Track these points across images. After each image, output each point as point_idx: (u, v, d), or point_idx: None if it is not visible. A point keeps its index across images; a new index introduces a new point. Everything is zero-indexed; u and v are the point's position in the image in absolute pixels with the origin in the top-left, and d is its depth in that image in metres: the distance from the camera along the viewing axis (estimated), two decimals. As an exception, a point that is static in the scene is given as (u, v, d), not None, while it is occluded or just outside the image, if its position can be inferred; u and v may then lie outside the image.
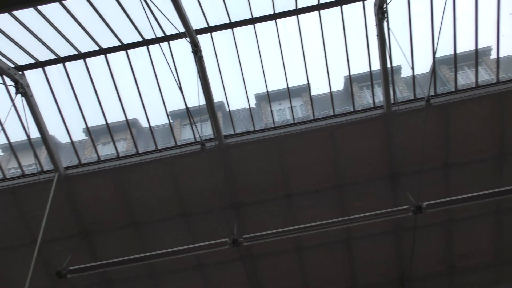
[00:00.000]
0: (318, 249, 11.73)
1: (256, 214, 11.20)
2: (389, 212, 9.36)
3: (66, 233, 11.10)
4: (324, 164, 10.91)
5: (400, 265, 11.99)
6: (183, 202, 10.99)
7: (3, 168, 11.14)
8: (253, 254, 11.65)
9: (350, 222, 9.29)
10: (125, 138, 16.98)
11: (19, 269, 11.40)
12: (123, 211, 11.01)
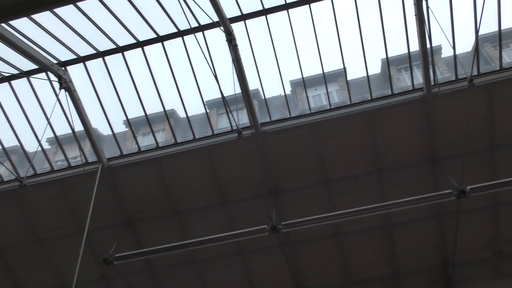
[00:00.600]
0: (357, 235, 11.64)
1: (294, 201, 11.22)
2: (431, 197, 9.16)
3: (111, 222, 11.53)
4: (362, 149, 10.76)
5: (443, 250, 11.72)
6: (222, 190, 11.16)
7: (51, 161, 11.67)
8: (292, 241, 11.71)
9: (390, 207, 9.15)
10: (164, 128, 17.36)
11: (69, 257, 11.96)
12: (164, 199, 11.31)
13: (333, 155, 10.82)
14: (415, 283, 12.14)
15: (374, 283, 12.11)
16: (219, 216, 11.45)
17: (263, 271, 12.24)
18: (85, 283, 12.35)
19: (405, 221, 11.39)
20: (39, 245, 11.95)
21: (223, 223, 11.46)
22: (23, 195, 11.21)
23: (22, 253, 12.12)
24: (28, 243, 11.92)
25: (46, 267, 12.27)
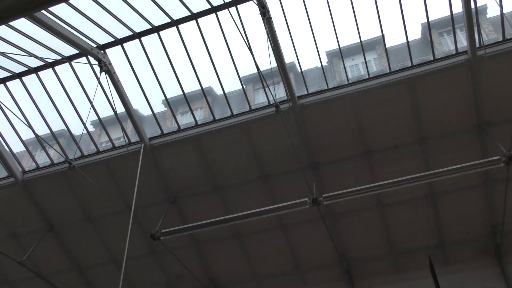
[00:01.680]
0: (401, 206, 11.47)
1: (335, 173, 11.15)
2: (478, 164, 8.85)
3: (156, 199, 11.91)
4: (403, 118, 10.48)
5: (491, 219, 11.37)
6: (261, 165, 11.23)
7: (96, 142, 12.11)
8: (334, 213, 11.70)
9: (435, 176, 8.90)
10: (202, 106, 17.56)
11: (119, 234, 12.52)
12: (205, 176, 11.53)
13: (373, 126, 10.61)
14: (462, 253, 11.89)
15: (419, 253, 11.95)
16: (260, 191, 11.57)
17: (305, 244, 12.34)
18: (135, 258, 12.95)
19: (450, 190, 11.10)
20: (90, 223, 12.56)
21: (264, 197, 11.58)
22: (73, 176, 11.76)
23: (76, 231, 12.79)
24: (81, 221, 12.55)
25: (99, 244, 12.91)
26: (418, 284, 12.05)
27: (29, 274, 13.10)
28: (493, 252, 11.72)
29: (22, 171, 12.06)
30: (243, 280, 13.12)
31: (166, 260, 12.99)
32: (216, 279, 13.18)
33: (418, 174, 9.26)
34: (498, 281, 11.49)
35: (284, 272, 12.83)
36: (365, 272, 12.47)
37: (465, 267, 11.92)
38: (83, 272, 13.52)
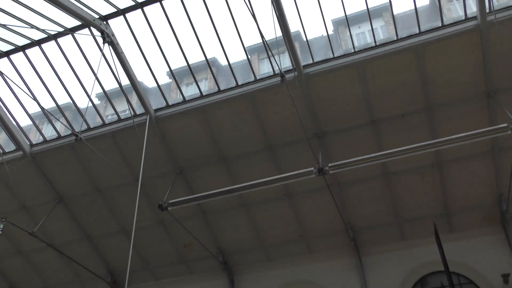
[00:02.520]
0: (407, 174, 11.49)
1: (341, 142, 11.14)
2: (486, 132, 8.77)
3: (163, 170, 12.01)
4: (410, 86, 10.36)
5: (498, 187, 11.39)
6: (267, 135, 11.23)
7: (102, 115, 12.13)
8: (340, 182, 11.76)
9: (442, 144, 8.86)
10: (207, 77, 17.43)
11: (127, 205, 12.72)
12: (211, 147, 11.57)
13: (380, 94, 10.52)
14: (467, 220, 11.98)
15: (425, 221, 12.05)
16: (266, 161, 11.62)
17: (312, 213, 12.48)
18: (144, 229, 13.19)
19: (457, 159, 11.09)
20: (99, 195, 12.74)
21: (270, 167, 11.64)
22: (80, 148, 11.85)
23: (85, 203, 13.00)
24: (89, 193, 12.74)
25: (108, 214, 13.13)
26: (423, 251, 12.22)
27: (41, 245, 13.43)
28: (498, 219, 11.80)
29: (30, 145, 12.17)
30: (251, 249, 13.36)
31: (174, 230, 13.21)
32: (223, 248, 13.43)
33: (425, 142, 9.22)
34: (503, 247, 11.62)
35: (291, 240, 13.03)
36: (370, 240, 12.64)
37: (470, 235, 12.04)
38: (93, 242, 13.82)
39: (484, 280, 11.42)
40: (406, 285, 12.03)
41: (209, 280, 14.04)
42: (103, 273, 14.19)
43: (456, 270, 11.70)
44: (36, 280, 15.05)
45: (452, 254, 11.75)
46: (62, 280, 14.93)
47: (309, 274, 13.07)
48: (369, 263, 12.63)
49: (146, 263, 14.17)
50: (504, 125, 8.68)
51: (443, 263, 9.96)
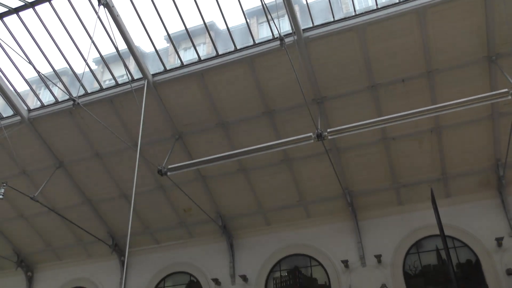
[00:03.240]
0: (405, 140, 11.52)
1: (340, 108, 11.10)
2: (486, 97, 8.72)
3: (162, 135, 12.02)
4: (411, 50, 10.22)
5: (495, 153, 11.45)
6: (266, 100, 11.17)
7: (99, 80, 12.01)
8: (338, 147, 11.80)
9: (442, 109, 8.82)
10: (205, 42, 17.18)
11: (127, 170, 12.80)
12: (210, 112, 11.53)
13: (380, 59, 10.38)
14: (464, 185, 12.11)
15: (422, 186, 12.19)
16: (265, 126, 11.61)
17: (310, 178, 12.59)
18: (144, 193, 13.34)
19: (456, 124, 11.09)
20: (99, 160, 12.80)
21: (269, 132, 11.64)
22: (78, 114, 11.82)
23: (85, 168, 13.07)
24: (89, 158, 12.79)
25: (108, 179, 13.24)
26: (419, 215, 12.43)
27: (43, 209, 13.60)
28: (494, 184, 11.93)
29: (28, 110, 12.11)
30: (250, 213, 13.56)
31: (174, 195, 13.36)
32: (223, 212, 13.63)
33: (425, 108, 9.18)
34: (498, 212, 11.80)
35: (289, 205, 13.21)
36: (368, 205, 12.82)
37: (466, 199, 12.21)
38: (94, 207, 14.00)
39: (478, 244, 11.66)
40: (402, 248, 12.29)
41: (208, 243, 14.33)
42: (104, 236, 14.46)
43: (451, 234, 11.93)
44: (39, 243, 15.35)
45: (448, 218, 11.95)
46: (64, 243, 15.23)
47: (307, 238, 13.33)
48: (366, 227, 12.86)
49: (147, 227, 14.42)
50: (504, 90, 8.62)
51: (439, 227, 10.15)
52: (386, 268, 12.13)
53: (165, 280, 14.50)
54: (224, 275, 13.64)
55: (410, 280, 11.97)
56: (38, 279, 15.95)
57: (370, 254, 12.37)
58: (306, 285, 13.10)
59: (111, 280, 14.88)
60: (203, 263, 14.12)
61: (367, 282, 12.12)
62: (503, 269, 11.11)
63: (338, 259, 12.58)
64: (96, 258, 15.39)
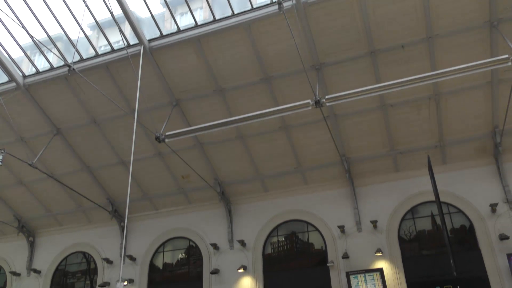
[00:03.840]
0: (404, 107, 11.50)
1: (339, 74, 10.99)
2: (486, 63, 8.62)
3: (159, 102, 11.95)
4: (411, 15, 10.01)
5: (493, 120, 11.45)
6: (264, 66, 11.04)
7: (94, 46, 11.81)
8: (336, 114, 11.77)
9: (441, 76, 8.71)
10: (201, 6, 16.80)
11: (125, 137, 12.81)
12: (208, 78, 11.42)
13: (379, 24, 10.20)
14: (461, 152, 12.19)
15: (419, 153, 12.27)
16: (263, 93, 11.53)
17: (308, 145, 12.62)
18: (142, 160, 13.40)
19: (455, 91, 11.03)
20: (96, 127, 12.77)
21: (267, 99, 11.58)
22: (74, 80, 11.70)
23: (83, 135, 13.06)
24: (87, 125, 12.76)
25: (106, 146, 13.25)
26: (416, 182, 12.58)
27: (42, 175, 13.71)
28: (491, 151, 12.00)
29: (23, 76, 11.97)
30: (247, 180, 13.68)
31: (172, 162, 13.43)
32: (221, 179, 13.74)
33: (424, 74, 9.09)
34: (494, 178, 11.93)
35: (287, 172, 13.31)
36: (365, 171, 12.94)
37: (462, 166, 12.32)
38: (93, 173, 14.09)
39: (473, 210, 11.84)
40: (397, 214, 12.48)
41: (207, 209, 14.53)
42: (104, 202, 14.62)
43: (446, 200, 12.10)
44: (40, 209, 15.54)
45: (444, 184, 12.11)
46: (64, 209, 15.42)
47: (304, 204, 13.52)
48: (362, 193, 13.02)
49: (146, 194, 14.57)
50: (504, 56, 8.50)
51: (434, 193, 10.28)
52: (381, 233, 12.37)
53: (164, 245, 14.79)
54: (222, 240, 13.91)
55: (404, 245, 12.22)
56: (39, 244, 16.26)
57: (366, 219, 12.58)
58: (302, 249, 13.38)
59: (111, 245, 15.18)
60: (201, 228, 14.36)
61: (363, 247, 12.38)
62: (496, 234, 11.34)
63: (335, 224, 12.81)
64: (96, 224, 15.63)
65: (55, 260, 15.81)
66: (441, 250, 11.73)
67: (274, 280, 13.00)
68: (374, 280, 11.77)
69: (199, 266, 14.06)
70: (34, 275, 15.75)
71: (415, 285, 11.64)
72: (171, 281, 14.24)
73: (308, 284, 12.58)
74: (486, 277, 11.08)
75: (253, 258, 13.37)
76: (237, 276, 13.26)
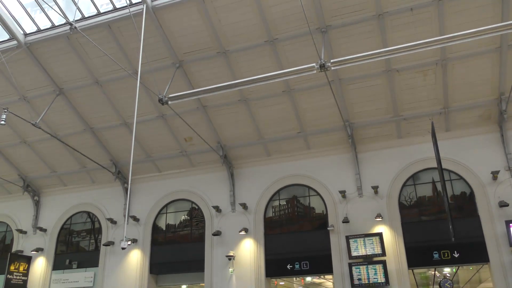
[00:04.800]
0: (410, 72, 11.32)
1: (345, 38, 10.78)
2: (495, 28, 8.39)
3: (162, 63, 11.80)
4: (422, -23, 9.71)
5: (499, 87, 11.29)
6: (269, 28, 10.81)
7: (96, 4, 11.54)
8: (341, 78, 11.63)
9: (450, 40, 8.47)
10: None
11: (128, 98, 12.75)
12: (211, 40, 11.22)
13: (389, -15, 9.90)
14: (465, 119, 12.10)
15: (423, 120, 12.19)
16: (267, 55, 11.36)
17: (311, 109, 12.55)
18: (145, 122, 13.41)
19: (462, 56, 10.82)
20: (99, 88, 12.69)
21: (271, 62, 11.42)
22: (76, 39, 11.53)
23: (86, 96, 13.01)
24: (89, 85, 12.68)
25: (109, 107, 13.22)
26: (418, 148, 12.57)
27: (45, 136, 13.75)
28: (495, 118, 11.92)
29: (24, 34, 11.80)
30: (250, 144, 13.70)
31: (175, 124, 13.42)
32: (224, 142, 13.76)
33: (432, 38, 8.88)
34: (497, 146, 11.91)
35: (290, 136, 13.31)
36: (367, 137, 12.92)
37: (466, 133, 12.27)
38: (96, 135, 14.12)
39: (474, 177, 11.88)
40: (399, 180, 12.56)
41: (209, 172, 14.64)
42: (107, 163, 14.73)
43: (448, 167, 12.12)
44: (44, 169, 15.70)
45: (446, 151, 12.10)
46: (69, 169, 15.57)
47: (306, 169, 13.59)
48: (364, 159, 13.06)
49: (149, 156, 14.64)
50: (516, 20, 8.29)
51: (437, 160, 10.28)
52: (382, 198, 12.48)
53: (167, 206, 15.00)
54: (224, 203, 14.09)
55: (404, 211, 12.36)
56: (44, 203, 16.52)
57: (367, 185, 12.67)
58: (303, 213, 13.55)
59: (115, 205, 15.41)
60: (204, 191, 14.52)
61: (363, 211, 12.52)
62: (495, 201, 11.43)
63: (336, 189, 12.91)
64: (100, 185, 15.81)
65: (61, 219, 16.12)
66: (440, 216, 11.86)
67: (275, 242, 13.25)
68: (373, 244, 11.97)
69: (201, 228, 14.31)
70: (40, 233, 16.11)
71: (413, 250, 11.85)
72: (174, 241, 14.53)
73: (308, 247, 12.82)
74: (484, 243, 11.25)
75: (255, 221, 13.58)
76: (238, 238, 13.51)
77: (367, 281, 11.72)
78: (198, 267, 13.74)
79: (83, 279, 14.98)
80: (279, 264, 13.00)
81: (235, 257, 13.30)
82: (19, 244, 16.24)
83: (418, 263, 11.87)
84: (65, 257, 15.59)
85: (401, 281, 11.60)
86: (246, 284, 12.96)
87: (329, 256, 12.48)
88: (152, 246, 14.58)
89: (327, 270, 12.56)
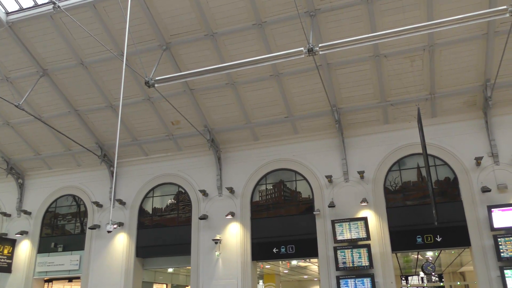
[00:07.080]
0: (397, 57, 11.34)
1: (333, 22, 10.71)
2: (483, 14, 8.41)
3: (149, 45, 11.61)
4: (412, -39, 9.66)
5: (485, 73, 11.39)
6: (257, 10, 10.68)
7: (80, -17, 11.27)
8: (329, 63, 11.60)
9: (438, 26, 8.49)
10: None
11: (113, 80, 12.57)
12: (199, 22, 11.07)
13: (378, -30, 9.83)
14: (451, 105, 12.22)
15: (409, 105, 12.26)
16: (255, 39, 11.25)
17: (299, 94, 12.53)
18: (131, 105, 13.25)
19: (450, 42, 10.85)
20: (84, 69, 12.47)
21: (259, 46, 11.33)
22: (60, 19, 11.28)
23: (71, 77, 12.79)
24: (74, 66, 12.44)
25: (94, 89, 13.02)
26: (404, 134, 12.68)
27: (29, 118, 13.53)
28: (480, 105, 12.04)
29: (6, 12, 11.48)
30: (237, 128, 13.66)
31: (162, 107, 13.30)
32: (211, 126, 13.69)
33: (420, 24, 8.88)
34: (481, 132, 12.08)
35: (277, 120, 13.29)
36: (354, 122, 12.97)
37: (451, 119, 12.40)
38: (81, 117, 13.93)
39: (458, 162, 12.05)
40: (384, 165, 12.68)
41: (196, 156, 14.60)
42: (93, 146, 14.58)
43: (433, 153, 12.28)
44: (28, 151, 15.49)
45: (432, 137, 12.25)
46: (53, 152, 15.38)
47: (293, 153, 13.63)
48: (351, 144, 13.14)
49: (135, 139, 14.52)
50: (503, 7, 8.30)
51: (422, 145, 10.39)
52: (368, 183, 12.61)
53: (154, 190, 14.96)
54: (211, 187, 14.09)
55: (389, 195, 12.52)
56: (29, 186, 16.35)
57: (353, 170, 12.78)
58: (290, 198, 13.64)
59: (101, 189, 15.32)
60: (191, 175, 14.49)
61: (349, 196, 12.65)
62: (478, 187, 11.63)
63: (322, 174, 13.00)
64: (86, 168, 15.68)
65: (45, 202, 15.98)
66: (425, 201, 12.05)
67: (261, 226, 13.34)
68: (358, 228, 12.13)
69: (188, 211, 14.32)
70: (24, 216, 15.97)
71: (397, 234, 12.05)
72: (160, 225, 14.54)
73: (294, 231, 12.94)
74: (466, 227, 11.49)
75: (241, 205, 13.64)
76: (225, 222, 13.56)
77: (352, 265, 11.90)
78: (185, 250, 13.80)
79: (69, 262, 14.95)
80: (265, 247, 13.11)
81: (221, 241, 13.37)
82: (3, 227, 16.09)
83: (401, 247, 12.10)
84: (50, 240, 15.52)
85: (385, 264, 11.81)
86: (232, 268, 13.07)
87: (314, 240, 12.63)
88: (138, 229, 14.57)
89: (313, 253, 12.72)
